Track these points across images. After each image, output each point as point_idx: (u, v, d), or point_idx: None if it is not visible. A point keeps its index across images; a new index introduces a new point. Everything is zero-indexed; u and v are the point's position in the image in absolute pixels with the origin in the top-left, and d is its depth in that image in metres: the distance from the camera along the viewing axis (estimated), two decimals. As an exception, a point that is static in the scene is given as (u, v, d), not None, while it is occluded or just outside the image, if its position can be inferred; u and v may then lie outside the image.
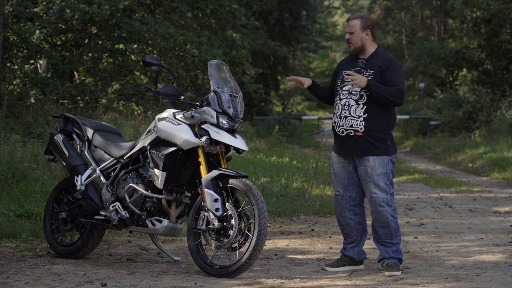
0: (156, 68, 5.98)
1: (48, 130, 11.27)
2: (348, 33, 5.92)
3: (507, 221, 8.95)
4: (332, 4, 61.20)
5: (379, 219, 5.88)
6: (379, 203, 5.84)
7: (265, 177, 11.77)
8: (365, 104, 5.80)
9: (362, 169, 5.87)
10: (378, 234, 5.94)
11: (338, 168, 6.01)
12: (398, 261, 5.88)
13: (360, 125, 5.80)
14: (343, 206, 6.01)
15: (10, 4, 13.96)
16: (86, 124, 6.44)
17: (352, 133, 5.82)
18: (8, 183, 8.66)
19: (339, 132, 5.88)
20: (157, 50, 16.70)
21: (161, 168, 5.76)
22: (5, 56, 13.63)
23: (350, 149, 5.89)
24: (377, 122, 5.82)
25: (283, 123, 28.89)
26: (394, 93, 5.77)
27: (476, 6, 25.27)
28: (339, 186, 6.01)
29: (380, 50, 5.96)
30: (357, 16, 5.96)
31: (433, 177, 15.28)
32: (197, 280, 5.50)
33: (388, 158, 5.86)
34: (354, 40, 5.91)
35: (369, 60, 5.89)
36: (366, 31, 5.91)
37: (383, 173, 5.84)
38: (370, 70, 5.84)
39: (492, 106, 25.31)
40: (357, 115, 5.81)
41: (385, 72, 5.82)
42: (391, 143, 5.89)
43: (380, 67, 5.83)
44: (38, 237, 6.91)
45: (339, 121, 5.87)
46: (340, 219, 6.05)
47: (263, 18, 30.94)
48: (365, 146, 5.81)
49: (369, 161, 5.82)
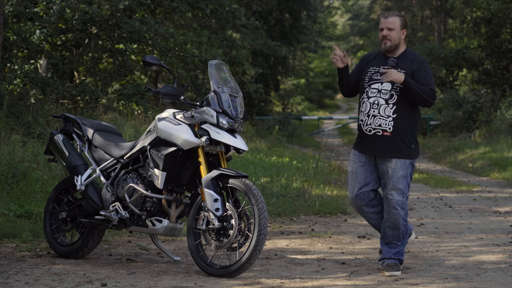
0: (156, 68, 5.99)
1: (48, 130, 11.27)
2: (387, 29, 5.85)
3: (507, 221, 8.95)
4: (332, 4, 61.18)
5: (390, 220, 5.86)
6: (393, 205, 5.82)
7: (265, 177, 11.76)
8: (395, 104, 5.76)
9: (384, 169, 5.85)
10: (386, 234, 5.92)
11: (358, 167, 5.96)
12: (399, 262, 5.88)
13: (389, 125, 5.77)
14: (360, 205, 5.98)
15: (10, 4, 13.95)
16: (86, 124, 6.44)
17: (380, 132, 5.78)
18: (8, 183, 8.66)
19: (366, 130, 5.83)
20: (157, 50, 16.69)
21: (161, 168, 5.76)
22: (5, 56, 13.63)
23: (375, 148, 5.84)
24: (405, 122, 5.79)
25: (283, 123, 28.87)
26: (428, 92, 5.75)
27: (476, 6, 25.28)
28: (356, 185, 5.95)
29: (410, 50, 5.95)
30: (396, 14, 5.94)
31: (433, 177, 15.28)
32: (197, 280, 5.50)
33: (409, 161, 5.84)
34: (394, 37, 5.85)
35: (400, 59, 5.87)
36: (403, 30, 5.91)
37: (403, 176, 5.81)
38: (401, 70, 5.80)
39: (492, 106, 25.30)
40: (386, 114, 5.77)
41: (417, 72, 5.80)
42: (415, 146, 5.87)
43: (411, 67, 5.82)
44: (38, 237, 6.91)
45: (367, 119, 5.82)
46: (363, 216, 6.08)
47: (263, 18, 30.92)
48: (391, 147, 5.78)
49: (392, 162, 5.80)
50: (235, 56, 19.54)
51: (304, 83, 53.90)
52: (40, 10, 15.26)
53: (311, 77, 56.94)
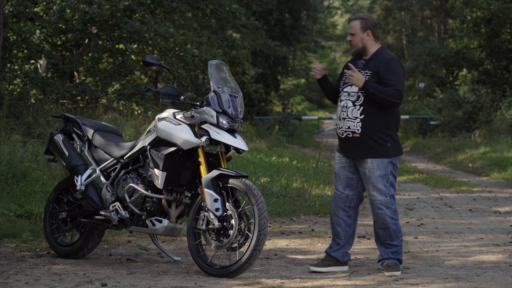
0: (156, 68, 5.99)
1: (48, 130, 11.27)
2: (350, 35, 5.92)
3: (507, 221, 8.95)
4: (332, 4, 61.17)
5: (378, 221, 5.90)
6: (377, 205, 5.85)
7: (265, 177, 11.76)
8: (362, 105, 5.79)
9: (362, 170, 5.89)
10: (378, 235, 5.96)
11: (339, 168, 6.03)
12: (398, 262, 5.88)
13: (357, 127, 5.80)
14: (338, 205, 6.01)
15: (10, 4, 13.95)
16: (86, 124, 6.44)
17: (350, 134, 5.84)
18: (8, 183, 8.66)
19: (340, 134, 5.93)
20: (157, 50, 16.69)
21: (161, 168, 5.76)
22: (5, 56, 13.62)
23: (350, 150, 5.91)
24: (374, 123, 5.79)
25: (283, 123, 28.87)
26: (391, 94, 5.72)
27: (476, 6, 25.28)
28: (339, 185, 6.03)
29: (381, 50, 5.93)
30: (357, 17, 5.95)
31: (433, 177, 15.28)
32: (197, 280, 5.50)
33: (387, 160, 5.83)
34: (355, 41, 5.91)
35: (369, 61, 5.88)
36: (367, 31, 5.89)
37: (381, 175, 5.82)
38: (368, 71, 5.83)
39: (492, 106, 25.30)
40: (354, 116, 5.81)
41: (382, 73, 5.78)
42: (391, 145, 5.84)
43: (377, 67, 5.81)
44: (38, 237, 6.91)
45: (339, 123, 5.92)
46: (333, 218, 6.05)
47: (263, 18, 30.92)
48: (364, 148, 5.81)
49: (367, 163, 5.82)
50: (235, 56, 19.54)
51: (304, 83, 53.91)
52: (40, 10, 15.26)
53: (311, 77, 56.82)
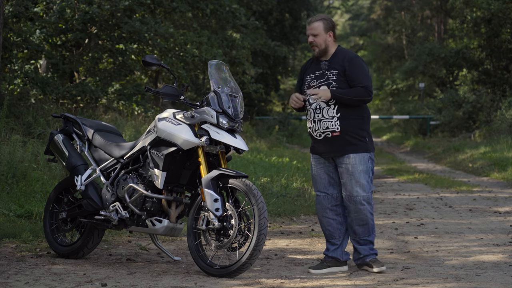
0: (156, 68, 5.99)
1: (48, 130, 11.27)
2: (312, 36, 5.92)
3: (507, 221, 8.95)
4: (332, 4, 61.16)
5: (359, 217, 5.91)
6: (360, 201, 5.87)
7: (265, 177, 11.77)
8: (336, 103, 5.83)
9: (343, 167, 5.89)
10: (356, 233, 5.98)
11: (318, 169, 6.03)
12: (376, 256, 5.99)
13: (335, 125, 5.84)
14: (325, 206, 6.01)
15: (10, 4, 13.95)
16: (86, 124, 6.44)
17: (330, 134, 5.86)
18: (8, 183, 8.66)
19: (317, 136, 5.92)
20: (157, 50, 16.69)
21: (161, 168, 5.76)
22: (5, 56, 13.63)
23: (330, 150, 5.91)
24: (351, 119, 5.85)
25: (283, 123, 28.88)
26: (360, 93, 5.79)
27: (476, 6, 25.28)
28: (320, 186, 6.03)
29: (340, 48, 5.99)
30: (319, 18, 5.97)
31: (433, 177, 15.28)
32: (197, 280, 5.50)
33: (368, 155, 5.90)
34: (319, 42, 5.92)
35: (331, 61, 5.92)
36: (329, 32, 5.93)
37: (364, 171, 5.87)
38: (333, 70, 5.87)
39: (492, 106, 25.30)
40: (331, 115, 5.84)
41: (348, 71, 5.83)
42: (369, 140, 5.93)
43: (342, 66, 5.85)
44: (38, 237, 6.91)
45: (314, 125, 5.92)
46: (323, 220, 6.05)
47: (263, 18, 30.92)
48: (344, 144, 5.84)
49: (350, 158, 5.85)
50: (235, 56, 19.54)
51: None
52: (40, 10, 15.26)
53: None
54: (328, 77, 5.86)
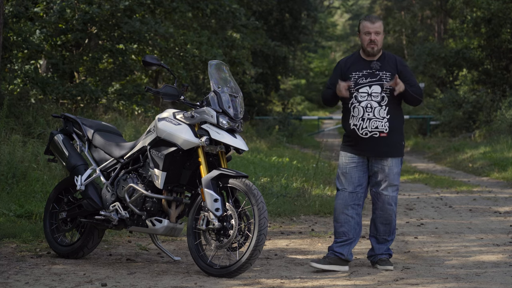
0: (156, 68, 5.99)
1: (48, 130, 11.27)
2: (375, 34, 5.97)
3: (507, 221, 8.96)
4: (332, 4, 61.16)
5: (384, 216, 6.03)
6: (388, 201, 6.01)
7: (265, 177, 11.77)
8: (387, 105, 5.93)
9: (380, 167, 5.99)
10: (378, 230, 6.09)
11: (351, 168, 6.04)
12: (389, 256, 6.11)
13: (385, 126, 5.92)
14: (348, 203, 6.03)
15: (10, 4, 13.95)
16: (86, 124, 6.44)
17: (377, 134, 5.92)
18: (8, 183, 8.66)
19: (362, 134, 5.94)
20: (157, 50, 16.70)
21: (161, 168, 5.76)
22: (5, 56, 13.63)
23: (371, 150, 5.96)
24: (397, 122, 5.99)
25: (283, 123, 28.88)
26: (420, 93, 6.02)
27: (476, 6, 25.28)
28: (349, 185, 6.04)
29: (386, 52, 6.12)
30: (379, 19, 6.09)
31: (433, 177, 15.28)
32: (197, 280, 5.50)
33: (401, 158, 6.08)
34: (380, 41, 6.01)
35: (382, 62, 6.01)
36: (384, 33, 6.12)
37: (398, 173, 6.05)
38: (386, 72, 5.96)
39: (492, 106, 25.30)
40: (381, 116, 5.92)
41: (403, 74, 5.98)
42: (404, 143, 6.13)
43: (395, 69, 5.99)
44: (38, 237, 6.91)
45: (362, 123, 5.93)
46: (341, 216, 6.04)
47: (263, 18, 30.92)
48: (388, 146, 5.95)
49: (388, 160, 5.98)
50: (235, 56, 19.54)
51: (304, 83, 53.90)
52: (40, 10, 15.26)
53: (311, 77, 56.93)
54: (380, 77, 5.94)
